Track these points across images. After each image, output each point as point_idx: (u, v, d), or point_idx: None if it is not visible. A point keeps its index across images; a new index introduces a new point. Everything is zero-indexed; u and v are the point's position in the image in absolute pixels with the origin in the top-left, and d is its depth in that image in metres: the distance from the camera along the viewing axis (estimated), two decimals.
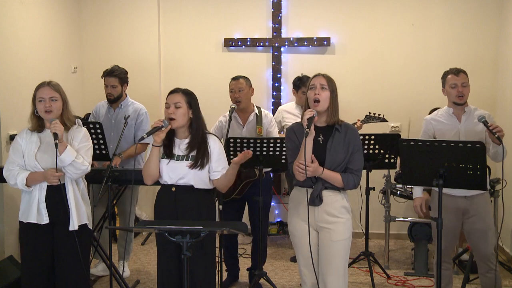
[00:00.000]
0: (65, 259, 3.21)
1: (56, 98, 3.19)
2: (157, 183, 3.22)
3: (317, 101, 2.96)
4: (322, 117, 3.02)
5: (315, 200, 2.95)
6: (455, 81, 3.65)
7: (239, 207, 4.39)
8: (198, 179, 3.11)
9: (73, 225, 3.18)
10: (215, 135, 3.30)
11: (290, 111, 5.03)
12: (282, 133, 5.06)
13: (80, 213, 3.24)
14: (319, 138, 3.01)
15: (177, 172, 3.08)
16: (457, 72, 3.67)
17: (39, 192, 3.19)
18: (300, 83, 4.92)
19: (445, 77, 3.73)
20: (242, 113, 4.41)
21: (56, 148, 3.05)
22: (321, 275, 3.00)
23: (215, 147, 3.16)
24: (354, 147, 3.01)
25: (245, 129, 4.40)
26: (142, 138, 3.02)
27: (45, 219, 3.19)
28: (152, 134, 3.02)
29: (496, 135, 3.28)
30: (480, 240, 3.60)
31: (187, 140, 3.13)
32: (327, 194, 2.98)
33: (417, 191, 3.85)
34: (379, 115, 5.01)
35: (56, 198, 3.17)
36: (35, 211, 3.19)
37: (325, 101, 2.98)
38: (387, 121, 5.09)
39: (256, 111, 4.44)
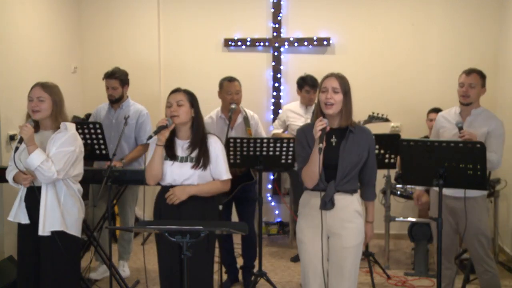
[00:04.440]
0: (44, 262, 3.18)
1: (44, 99, 3.16)
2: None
3: (329, 104, 2.82)
4: (335, 120, 2.87)
5: (327, 204, 2.80)
6: (463, 81, 3.64)
7: (228, 205, 4.38)
8: (202, 179, 3.10)
9: (41, 230, 3.12)
10: (216, 135, 3.28)
11: (294, 110, 5.09)
12: (286, 132, 5.10)
13: (51, 219, 3.14)
14: (331, 140, 2.87)
15: (182, 174, 3.07)
16: (469, 72, 3.66)
17: (22, 192, 3.22)
18: (303, 82, 5.02)
19: (460, 75, 3.72)
20: None
21: (15, 151, 3.06)
22: (331, 282, 2.87)
23: (216, 147, 3.14)
24: (370, 151, 2.91)
25: (233, 131, 4.38)
26: (150, 137, 3.00)
27: (24, 219, 3.19)
28: (158, 133, 3.00)
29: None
30: (472, 241, 3.57)
31: (188, 141, 3.12)
32: (339, 198, 2.85)
33: (420, 187, 3.89)
34: (382, 115, 5.01)
35: (33, 199, 3.15)
36: (15, 209, 3.22)
37: (337, 105, 2.82)
38: (390, 121, 5.09)
39: (244, 112, 4.45)
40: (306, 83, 4.98)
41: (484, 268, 3.60)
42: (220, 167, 3.14)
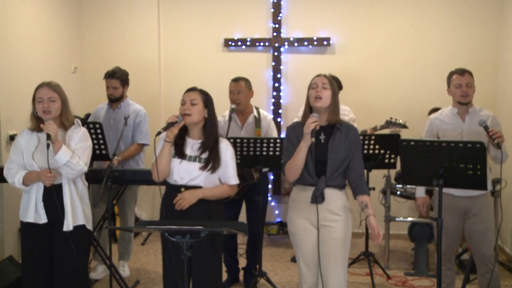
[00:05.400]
0: (63, 260, 3.20)
1: (55, 99, 3.18)
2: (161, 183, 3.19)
3: (318, 98, 2.99)
4: (324, 115, 3.03)
5: (318, 198, 2.96)
6: (460, 81, 3.67)
7: (236, 207, 4.38)
8: (208, 181, 3.09)
9: (67, 226, 3.17)
10: (227, 139, 3.27)
11: None
12: None
13: (76, 214, 3.21)
14: (320, 137, 3.02)
15: (189, 173, 3.07)
16: (462, 72, 3.69)
17: (37, 192, 3.20)
18: None
19: (450, 77, 3.75)
20: (240, 114, 4.40)
21: (48, 148, 3.04)
22: (321, 273, 3.00)
23: (227, 152, 3.15)
24: (356, 147, 3.05)
25: (243, 131, 4.40)
26: (159, 133, 2.98)
27: (43, 219, 3.19)
28: (167, 130, 2.99)
29: (496, 141, 3.30)
30: (480, 240, 3.59)
31: (200, 141, 3.12)
32: (329, 193, 2.99)
33: (420, 191, 3.89)
34: (400, 120, 4.95)
35: (52, 198, 3.16)
36: (33, 210, 3.20)
37: (326, 99, 3.00)
38: (407, 127, 5.01)
39: (255, 113, 4.44)
40: None
41: (488, 267, 3.61)
42: (229, 172, 3.15)
